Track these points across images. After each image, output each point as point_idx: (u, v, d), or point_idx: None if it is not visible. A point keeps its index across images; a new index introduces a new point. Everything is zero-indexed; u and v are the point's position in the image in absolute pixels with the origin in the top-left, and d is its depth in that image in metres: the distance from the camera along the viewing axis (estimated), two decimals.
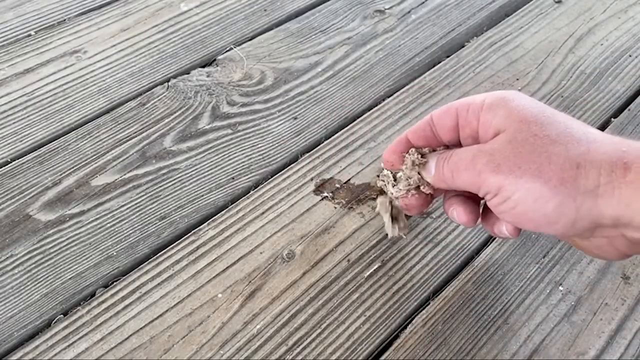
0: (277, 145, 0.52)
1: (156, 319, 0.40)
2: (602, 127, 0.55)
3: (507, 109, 0.32)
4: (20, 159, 0.50)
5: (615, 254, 0.33)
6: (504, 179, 0.30)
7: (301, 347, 0.40)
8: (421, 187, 0.38)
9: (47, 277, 0.42)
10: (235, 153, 0.51)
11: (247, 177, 0.50)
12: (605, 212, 0.29)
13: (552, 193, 0.29)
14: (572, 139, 0.30)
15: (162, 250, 0.44)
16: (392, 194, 0.43)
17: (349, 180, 0.49)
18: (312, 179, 0.49)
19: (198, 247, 0.44)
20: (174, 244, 0.45)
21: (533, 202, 0.30)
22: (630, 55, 0.62)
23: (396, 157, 0.38)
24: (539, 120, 0.31)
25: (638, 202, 0.28)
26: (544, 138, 0.30)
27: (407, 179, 0.39)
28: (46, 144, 0.51)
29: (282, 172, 0.50)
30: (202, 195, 0.48)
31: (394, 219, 0.43)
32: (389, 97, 0.57)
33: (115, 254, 0.44)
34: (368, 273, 0.44)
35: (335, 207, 0.47)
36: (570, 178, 0.29)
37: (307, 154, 0.51)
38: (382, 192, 0.44)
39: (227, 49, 0.61)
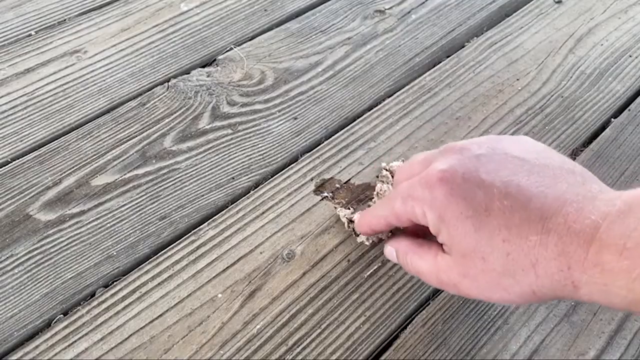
0: (277, 145, 0.52)
1: (156, 319, 0.40)
2: (602, 127, 0.55)
3: (447, 235, 0.32)
4: (20, 159, 0.50)
5: None
6: (470, 296, 0.33)
7: (301, 347, 0.40)
8: None
9: (47, 277, 0.42)
10: (235, 153, 0.51)
11: (247, 177, 0.50)
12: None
13: (519, 303, 0.33)
14: (516, 269, 0.30)
15: (162, 250, 0.44)
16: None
17: (349, 180, 0.49)
18: (312, 179, 0.49)
19: (198, 247, 0.44)
20: (174, 244, 0.45)
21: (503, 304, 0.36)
22: (630, 56, 0.62)
23: (371, 233, 0.41)
24: (478, 256, 0.31)
25: (605, 304, 0.29)
26: (493, 274, 0.31)
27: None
28: (46, 144, 0.51)
29: (282, 172, 0.50)
30: (202, 195, 0.48)
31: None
32: (389, 97, 0.57)
33: (115, 254, 0.44)
34: (368, 273, 0.44)
35: (336, 207, 0.47)
36: (532, 298, 0.31)
37: (307, 154, 0.51)
38: (378, 195, 0.45)
39: (227, 49, 0.61)
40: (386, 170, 0.48)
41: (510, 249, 0.30)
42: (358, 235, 0.44)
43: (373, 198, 0.47)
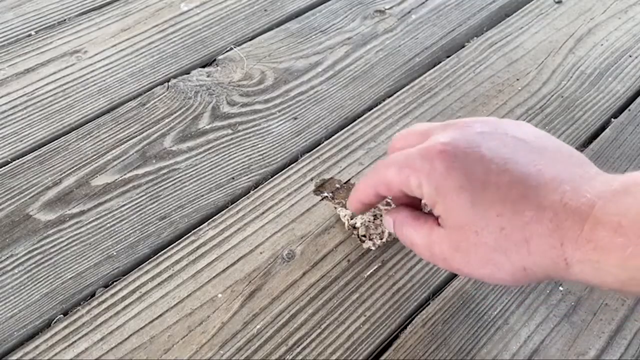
0: (277, 145, 0.52)
1: (156, 319, 0.40)
2: (602, 128, 0.55)
3: (443, 207, 0.32)
4: (20, 159, 0.50)
5: None
6: (460, 272, 0.33)
7: (301, 347, 0.40)
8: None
9: (47, 277, 0.42)
10: (235, 153, 0.51)
11: (247, 177, 0.50)
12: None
13: (514, 283, 0.32)
14: (509, 245, 0.30)
15: (162, 250, 0.44)
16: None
17: (349, 180, 0.49)
18: (312, 179, 0.49)
19: (198, 247, 0.44)
20: (174, 244, 0.45)
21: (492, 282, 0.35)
22: (630, 56, 0.62)
23: (361, 207, 0.39)
24: (472, 229, 0.31)
25: (597, 285, 0.29)
26: (485, 249, 0.31)
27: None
28: (46, 144, 0.51)
29: (282, 172, 0.50)
30: (202, 195, 0.48)
31: (365, 234, 0.45)
32: (389, 97, 0.57)
33: (115, 254, 0.44)
34: (368, 273, 0.44)
35: (336, 207, 0.47)
36: (523, 277, 0.31)
37: (307, 154, 0.51)
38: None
39: (227, 49, 0.61)
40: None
41: (505, 224, 0.30)
42: (364, 242, 0.44)
43: None
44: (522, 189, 0.30)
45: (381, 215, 0.44)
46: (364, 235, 0.44)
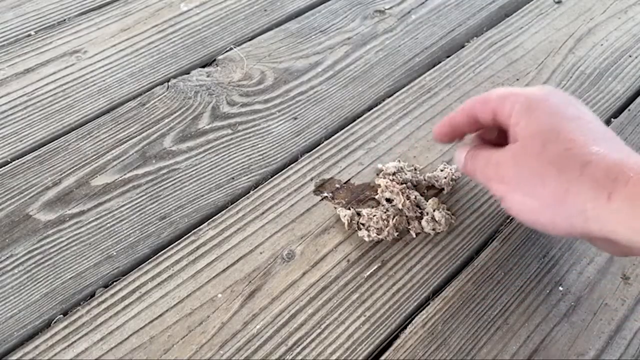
0: (277, 145, 0.52)
1: (156, 319, 0.40)
2: None
3: (527, 121, 0.35)
4: (20, 159, 0.50)
5: (616, 252, 0.37)
6: (505, 191, 0.36)
7: (301, 347, 0.40)
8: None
9: (47, 277, 0.42)
10: (235, 153, 0.51)
11: (247, 177, 0.50)
12: (594, 230, 0.32)
13: (544, 210, 0.34)
14: (567, 162, 0.33)
15: (162, 250, 0.44)
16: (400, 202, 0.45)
17: (349, 180, 0.49)
18: (312, 179, 0.49)
19: (198, 247, 0.44)
20: (174, 244, 0.45)
21: (529, 213, 0.35)
22: (630, 56, 0.62)
23: (446, 130, 0.42)
24: (544, 139, 0.34)
25: (622, 230, 0.30)
26: (543, 159, 0.33)
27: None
28: (46, 144, 0.51)
29: (282, 172, 0.50)
30: (202, 195, 0.48)
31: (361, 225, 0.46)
32: (389, 97, 0.57)
33: (115, 254, 0.44)
34: (368, 273, 0.44)
35: (336, 207, 0.47)
36: (559, 201, 0.33)
37: (307, 154, 0.51)
38: (388, 200, 0.46)
39: (227, 49, 0.61)
40: (382, 171, 0.49)
41: (572, 146, 0.33)
42: (360, 230, 0.44)
43: (377, 194, 0.47)
44: (601, 135, 0.34)
45: (394, 215, 0.45)
46: (363, 224, 0.44)
